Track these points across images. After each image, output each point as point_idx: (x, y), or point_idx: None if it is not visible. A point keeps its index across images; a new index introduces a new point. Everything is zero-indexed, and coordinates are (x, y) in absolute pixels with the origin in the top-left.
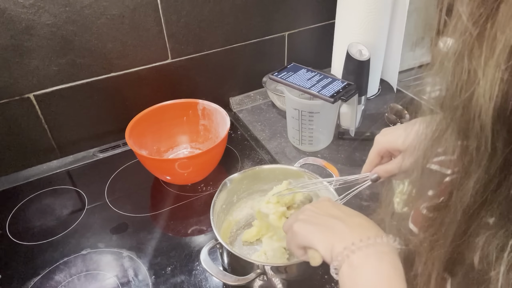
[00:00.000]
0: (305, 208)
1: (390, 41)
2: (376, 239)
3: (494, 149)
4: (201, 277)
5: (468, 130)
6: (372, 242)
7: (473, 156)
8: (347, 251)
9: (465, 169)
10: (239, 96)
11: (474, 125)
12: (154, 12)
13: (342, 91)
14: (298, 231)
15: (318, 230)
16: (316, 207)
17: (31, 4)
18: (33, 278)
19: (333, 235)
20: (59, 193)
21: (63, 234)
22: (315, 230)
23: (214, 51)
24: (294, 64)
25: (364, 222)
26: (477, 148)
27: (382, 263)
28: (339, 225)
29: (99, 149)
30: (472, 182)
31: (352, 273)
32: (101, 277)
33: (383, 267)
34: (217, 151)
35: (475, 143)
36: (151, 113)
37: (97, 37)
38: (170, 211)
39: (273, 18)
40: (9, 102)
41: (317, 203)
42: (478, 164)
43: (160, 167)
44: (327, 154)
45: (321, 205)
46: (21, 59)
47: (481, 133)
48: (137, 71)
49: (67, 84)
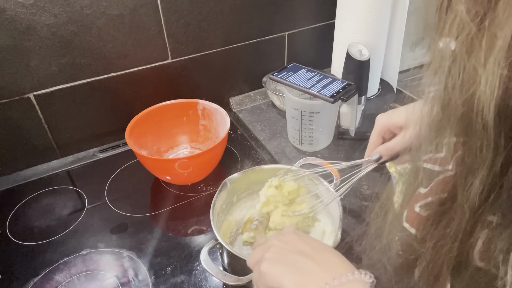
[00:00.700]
0: (271, 244)
1: (390, 41)
2: (348, 276)
3: (496, 146)
4: (201, 277)
5: (470, 128)
6: (344, 280)
7: (477, 154)
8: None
9: (469, 168)
10: (239, 96)
11: (477, 124)
12: (154, 12)
13: (342, 91)
14: (267, 272)
15: (288, 272)
16: (283, 242)
17: (31, 4)
18: (33, 278)
19: (304, 276)
20: (59, 193)
21: (63, 234)
22: (285, 271)
23: (214, 51)
24: (294, 64)
25: (333, 258)
26: (481, 146)
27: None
28: (309, 264)
29: (99, 149)
30: (478, 181)
31: None
32: (101, 277)
33: None
34: (217, 151)
35: (478, 141)
36: (151, 113)
37: (97, 37)
38: (170, 211)
39: (273, 18)
40: (9, 102)
41: (282, 236)
42: (483, 162)
43: (160, 167)
44: (327, 154)
45: (288, 240)
46: (21, 59)
47: (484, 131)
48: (137, 71)
49: (67, 84)
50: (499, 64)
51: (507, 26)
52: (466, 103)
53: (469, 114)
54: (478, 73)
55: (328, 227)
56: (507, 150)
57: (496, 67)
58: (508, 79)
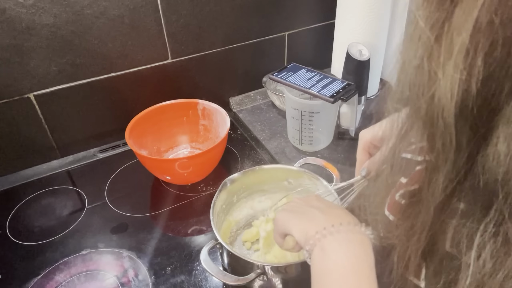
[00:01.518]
0: (292, 201)
1: (390, 41)
2: (348, 226)
3: (459, 144)
4: (201, 277)
5: (433, 128)
6: (343, 228)
7: (440, 152)
8: (319, 235)
9: (433, 165)
10: (239, 96)
11: (438, 124)
12: (154, 12)
13: (342, 91)
14: (279, 219)
15: (296, 217)
16: (301, 200)
17: (31, 4)
18: (33, 278)
19: (309, 221)
20: (59, 193)
21: (63, 234)
22: (294, 217)
23: (214, 51)
24: (294, 64)
25: (342, 213)
26: (443, 145)
27: (352, 248)
28: (316, 213)
29: (99, 149)
30: (441, 177)
31: (323, 256)
32: (101, 277)
33: (353, 252)
34: (217, 151)
35: (440, 140)
36: (151, 113)
37: (97, 37)
38: (170, 211)
39: (273, 18)
40: (9, 102)
41: (304, 197)
42: (445, 159)
43: (160, 167)
44: (327, 154)
45: (307, 198)
46: (21, 59)
47: (445, 131)
48: (137, 71)
49: (67, 84)
50: (458, 68)
51: (464, 31)
52: (428, 104)
53: (431, 115)
54: (438, 76)
55: None
56: (469, 148)
57: (454, 71)
58: (467, 82)
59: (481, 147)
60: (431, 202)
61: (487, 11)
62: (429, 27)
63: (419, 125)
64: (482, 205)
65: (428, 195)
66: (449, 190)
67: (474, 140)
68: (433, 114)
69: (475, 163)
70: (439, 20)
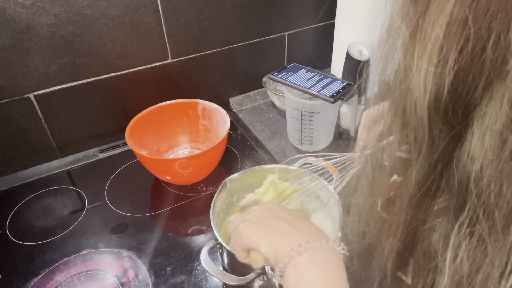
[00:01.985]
0: (252, 209)
1: None
2: (321, 242)
3: (431, 138)
4: (201, 277)
5: (406, 120)
6: (318, 245)
7: (412, 146)
8: (294, 253)
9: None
10: (239, 96)
11: (411, 116)
12: (154, 12)
13: (342, 91)
14: (243, 231)
15: (263, 231)
16: (264, 208)
17: (31, 4)
18: (33, 278)
19: (279, 237)
20: (59, 193)
21: (63, 234)
22: (260, 231)
23: (214, 51)
24: (294, 64)
25: (311, 226)
26: (415, 138)
27: (326, 265)
28: (286, 227)
29: (99, 149)
30: (414, 171)
31: (297, 274)
32: (101, 277)
33: (328, 269)
34: (217, 151)
35: (412, 133)
36: (151, 113)
37: (97, 37)
38: (170, 211)
39: (273, 18)
40: (9, 102)
41: (265, 204)
42: (417, 153)
43: (160, 167)
44: None
45: (269, 207)
46: (21, 59)
47: (418, 124)
48: (137, 71)
49: (67, 84)
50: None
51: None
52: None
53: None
54: (412, 70)
55: (328, 227)
56: (444, 144)
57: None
58: (440, 76)
59: (457, 144)
60: (405, 196)
61: (460, 6)
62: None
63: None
64: (457, 203)
65: (402, 190)
66: (422, 185)
67: (449, 136)
68: (406, 108)
69: (451, 160)
70: (415, 15)
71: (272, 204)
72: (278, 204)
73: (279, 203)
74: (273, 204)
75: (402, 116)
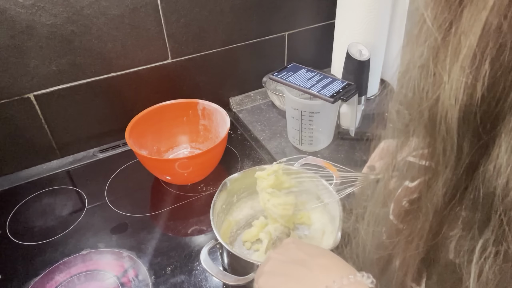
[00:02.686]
0: (269, 258)
1: (390, 41)
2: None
3: (460, 150)
4: (201, 277)
5: (434, 132)
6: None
7: (440, 157)
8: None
9: (433, 170)
10: (239, 96)
11: (440, 128)
12: (154, 12)
13: (342, 91)
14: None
15: (283, 283)
16: (279, 254)
17: (31, 4)
18: (33, 278)
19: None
20: (59, 193)
21: (63, 234)
22: (280, 283)
23: (214, 51)
24: (294, 64)
25: (329, 262)
26: (444, 150)
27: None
28: (305, 272)
29: (99, 149)
30: (441, 183)
31: None
32: (101, 277)
33: None
34: (217, 151)
35: (441, 145)
36: (151, 113)
37: (97, 37)
38: (170, 211)
39: (273, 18)
40: (9, 102)
41: (280, 248)
42: (445, 165)
43: (160, 167)
44: (327, 154)
45: (284, 250)
46: (21, 59)
47: (447, 135)
48: (137, 71)
49: (67, 84)
50: (464, 71)
51: (472, 34)
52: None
53: (433, 119)
54: (443, 80)
55: (328, 227)
56: (471, 154)
57: (460, 74)
58: (472, 86)
59: (483, 156)
60: (430, 208)
61: (496, 15)
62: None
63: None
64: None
65: (427, 201)
66: (448, 197)
67: (476, 147)
68: (435, 118)
69: (477, 172)
70: (447, 22)
71: (287, 246)
72: (293, 243)
73: (294, 241)
74: (289, 245)
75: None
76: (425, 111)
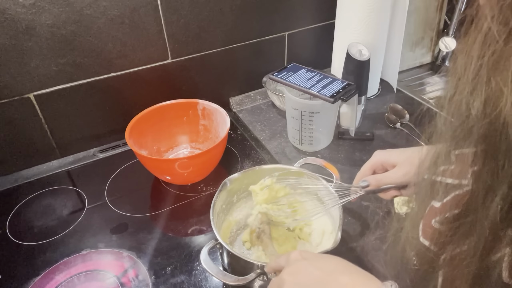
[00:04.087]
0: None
1: (390, 41)
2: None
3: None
4: (201, 277)
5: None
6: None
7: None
8: None
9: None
10: (239, 96)
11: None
12: (154, 12)
13: (342, 91)
14: None
15: None
16: (294, 275)
17: (31, 4)
18: (33, 278)
19: None
20: (59, 193)
21: (63, 234)
22: None
23: (214, 51)
24: (294, 64)
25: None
26: (503, 164)
27: None
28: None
29: (99, 149)
30: (499, 197)
31: None
32: (101, 277)
33: None
34: (217, 151)
35: (501, 160)
36: (151, 113)
37: (97, 37)
38: (170, 211)
39: (273, 18)
40: (9, 102)
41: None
42: (504, 179)
43: (160, 167)
44: (327, 154)
45: (298, 270)
46: (21, 59)
47: (507, 150)
48: (137, 71)
49: (67, 84)
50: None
51: None
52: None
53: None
54: (504, 93)
55: (328, 227)
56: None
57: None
58: None
59: None
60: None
61: None
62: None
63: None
64: None
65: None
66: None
67: None
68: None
69: None
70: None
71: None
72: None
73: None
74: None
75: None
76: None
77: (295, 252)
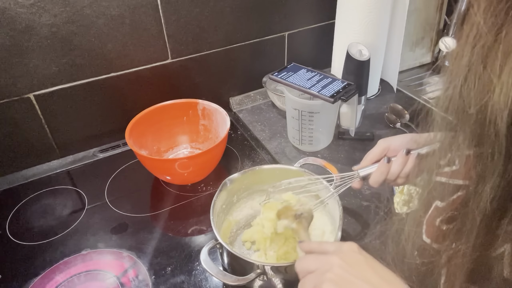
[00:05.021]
0: (333, 263)
1: (390, 41)
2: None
3: (509, 154)
4: (201, 277)
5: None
6: None
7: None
8: None
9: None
10: (239, 96)
11: (489, 132)
12: (154, 12)
13: (342, 91)
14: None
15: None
16: (347, 263)
17: (31, 4)
18: (33, 278)
19: None
20: (59, 193)
21: (63, 234)
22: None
23: (214, 51)
24: (294, 64)
25: None
26: (492, 154)
27: None
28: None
29: (99, 149)
30: (488, 188)
31: None
32: (101, 277)
33: None
34: (217, 151)
35: (489, 149)
36: (151, 113)
37: (97, 37)
38: (170, 211)
39: (273, 18)
40: (9, 102)
41: (345, 255)
42: (493, 170)
43: (160, 167)
44: (327, 154)
45: (352, 261)
46: (21, 59)
47: (496, 139)
48: (137, 71)
49: (67, 84)
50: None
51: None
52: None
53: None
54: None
55: (328, 227)
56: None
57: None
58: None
59: None
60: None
61: None
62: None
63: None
64: None
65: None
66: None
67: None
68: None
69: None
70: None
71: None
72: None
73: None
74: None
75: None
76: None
77: (352, 243)
